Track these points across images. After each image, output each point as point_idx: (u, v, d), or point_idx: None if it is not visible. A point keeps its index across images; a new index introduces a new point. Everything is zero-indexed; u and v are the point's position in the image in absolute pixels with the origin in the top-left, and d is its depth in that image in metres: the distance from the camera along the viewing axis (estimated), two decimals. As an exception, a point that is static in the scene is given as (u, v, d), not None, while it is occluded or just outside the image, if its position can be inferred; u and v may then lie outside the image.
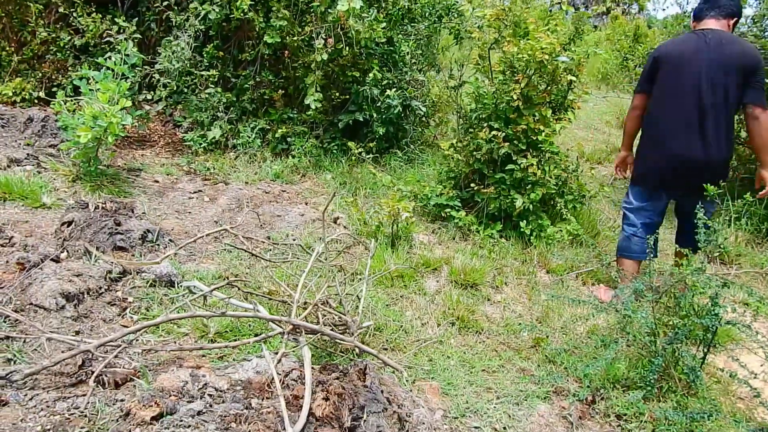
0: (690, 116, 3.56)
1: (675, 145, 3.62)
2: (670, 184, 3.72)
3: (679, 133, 3.61)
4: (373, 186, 5.25)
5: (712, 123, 3.53)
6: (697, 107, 3.54)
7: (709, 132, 3.53)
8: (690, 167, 3.59)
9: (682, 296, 3.00)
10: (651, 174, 3.79)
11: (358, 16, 5.23)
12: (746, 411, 2.98)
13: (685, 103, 3.57)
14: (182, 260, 3.62)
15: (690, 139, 3.58)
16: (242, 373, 2.44)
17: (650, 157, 3.78)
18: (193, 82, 5.58)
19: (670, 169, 3.66)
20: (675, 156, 3.62)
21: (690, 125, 3.57)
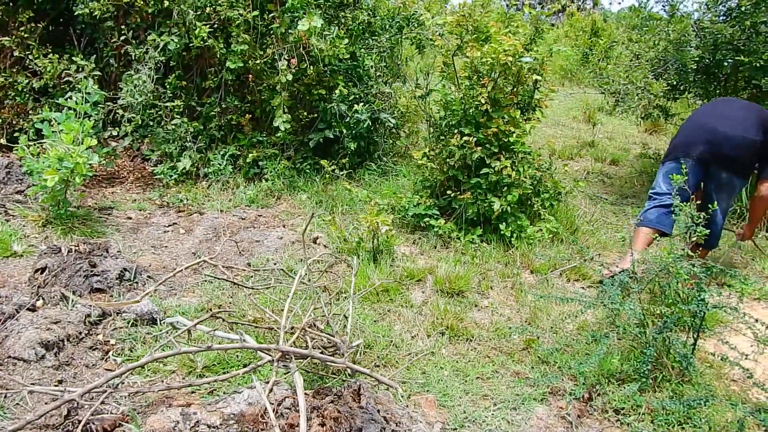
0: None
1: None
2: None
3: None
4: (349, 202, 5.22)
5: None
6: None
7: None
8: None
9: (667, 284, 3.02)
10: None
11: (320, 34, 5.22)
12: (740, 393, 2.99)
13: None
14: (163, 296, 3.54)
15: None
16: (234, 406, 2.38)
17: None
18: (158, 114, 5.51)
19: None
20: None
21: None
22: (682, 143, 4.02)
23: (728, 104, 4.24)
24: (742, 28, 5.47)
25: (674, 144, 4.11)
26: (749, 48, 5.38)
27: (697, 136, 3.93)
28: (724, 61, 5.70)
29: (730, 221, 5.29)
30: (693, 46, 5.85)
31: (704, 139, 3.88)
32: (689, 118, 4.20)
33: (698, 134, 3.94)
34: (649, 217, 4.02)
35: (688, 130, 4.06)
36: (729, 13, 5.78)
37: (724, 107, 4.15)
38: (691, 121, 4.15)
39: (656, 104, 6.56)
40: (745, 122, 3.91)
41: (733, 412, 2.72)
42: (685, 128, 4.13)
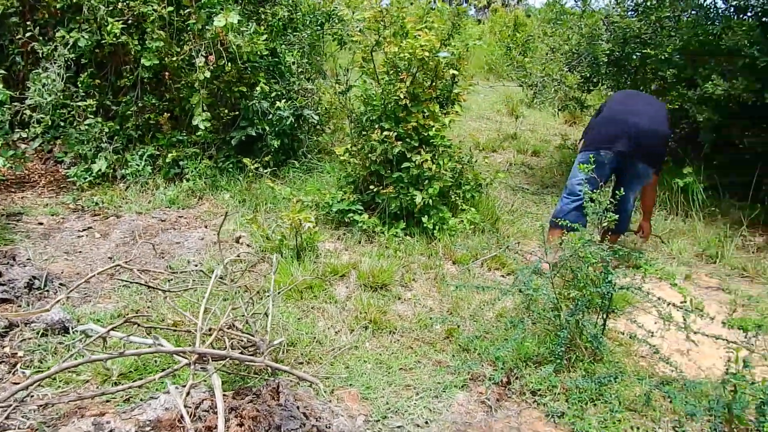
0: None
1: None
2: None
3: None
4: (273, 200, 5.17)
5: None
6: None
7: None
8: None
9: (578, 269, 3.14)
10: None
11: (237, 30, 5.14)
12: (648, 368, 3.16)
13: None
14: (76, 303, 3.42)
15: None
16: (150, 412, 2.33)
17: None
18: (70, 114, 5.30)
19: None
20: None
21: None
22: (604, 136, 4.14)
23: (639, 98, 4.43)
24: (648, 22, 5.73)
25: (593, 136, 4.23)
26: (655, 41, 5.64)
27: (619, 130, 4.07)
28: (633, 54, 5.95)
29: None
30: (604, 40, 6.08)
31: (626, 133, 4.04)
32: (605, 112, 4.33)
33: (619, 128, 4.08)
34: (570, 219, 4.08)
35: (609, 124, 4.18)
36: (636, 8, 6.05)
37: (637, 101, 4.33)
38: (609, 115, 4.27)
39: (572, 96, 6.79)
40: (659, 116, 4.15)
41: (641, 387, 2.88)
42: (604, 122, 4.24)
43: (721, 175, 5.72)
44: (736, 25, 4.98)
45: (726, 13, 5.61)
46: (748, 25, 4.96)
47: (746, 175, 5.44)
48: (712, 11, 5.71)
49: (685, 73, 5.49)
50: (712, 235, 4.99)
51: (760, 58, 4.79)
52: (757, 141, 5.28)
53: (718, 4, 5.75)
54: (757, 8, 5.35)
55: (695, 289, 4.18)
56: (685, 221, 5.33)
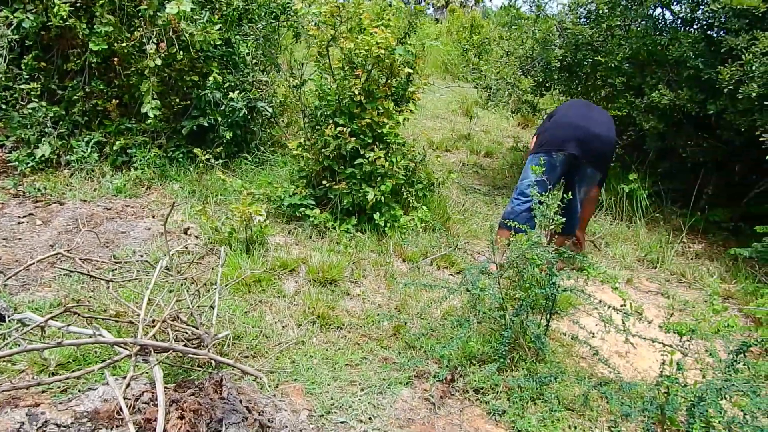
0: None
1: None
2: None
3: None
4: (224, 192, 5.10)
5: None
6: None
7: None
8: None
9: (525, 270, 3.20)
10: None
11: (190, 18, 5.05)
12: (588, 368, 3.24)
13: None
14: (14, 291, 3.31)
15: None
16: (88, 403, 2.27)
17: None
18: (13, 97, 5.10)
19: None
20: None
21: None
22: (556, 138, 4.21)
23: (589, 108, 4.53)
24: (599, 30, 5.87)
25: (545, 139, 4.29)
26: (606, 49, 5.79)
27: (571, 134, 4.16)
28: (584, 61, 6.08)
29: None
30: (557, 46, 6.21)
31: (577, 137, 4.13)
32: (557, 116, 4.42)
33: (571, 132, 4.18)
34: (520, 221, 4.09)
35: (561, 128, 4.27)
36: (589, 15, 6.18)
37: (588, 110, 4.43)
38: (561, 119, 4.36)
39: (525, 99, 6.91)
40: (607, 123, 4.28)
41: (580, 387, 2.96)
42: (556, 126, 4.32)
43: (665, 182, 5.92)
44: (683, 37, 5.16)
45: (673, 25, 5.80)
46: (693, 38, 5.14)
47: (688, 183, 5.65)
48: (661, 22, 5.90)
49: (633, 81, 5.65)
50: (654, 240, 5.16)
51: (704, 70, 4.97)
52: (699, 150, 5.48)
53: (666, 16, 5.93)
54: (702, 21, 5.55)
55: (635, 293, 4.32)
56: (629, 226, 5.49)
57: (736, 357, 2.55)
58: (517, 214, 4.12)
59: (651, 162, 5.95)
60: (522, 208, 4.17)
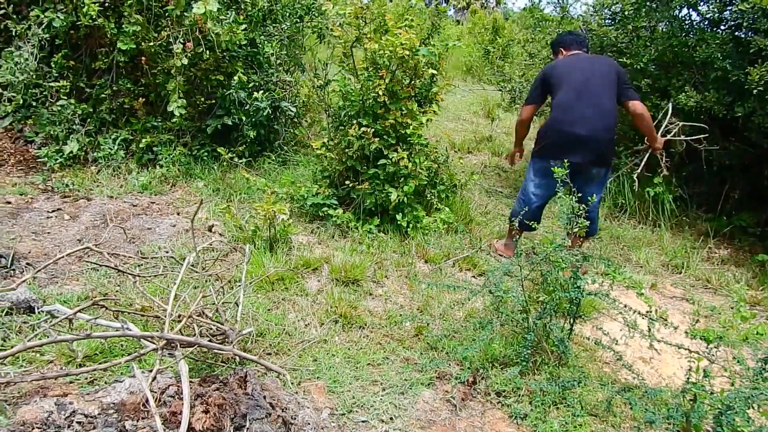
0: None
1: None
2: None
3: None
4: (247, 191, 5.15)
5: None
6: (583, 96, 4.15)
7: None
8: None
9: (548, 273, 3.18)
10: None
11: (216, 18, 5.10)
12: (611, 374, 3.22)
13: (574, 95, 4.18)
14: (43, 284, 3.37)
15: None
16: (114, 395, 2.30)
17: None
18: (43, 95, 5.20)
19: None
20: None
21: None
22: (556, 149, 4.12)
23: (589, 91, 4.20)
24: (625, 31, 5.82)
25: (546, 146, 4.22)
26: (631, 51, 5.73)
27: (570, 144, 4.06)
28: (609, 63, 6.02)
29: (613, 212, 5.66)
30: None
31: (576, 147, 4.04)
32: (556, 115, 4.21)
33: (570, 142, 4.07)
34: (535, 219, 4.23)
35: (559, 136, 4.14)
36: (614, 17, 6.14)
37: (587, 99, 4.16)
38: (558, 125, 4.18)
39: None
40: (606, 112, 4.12)
41: (603, 392, 2.93)
42: (555, 133, 4.18)
43: (691, 186, 5.84)
44: (710, 38, 5.09)
45: (700, 26, 5.72)
46: (721, 39, 5.07)
47: (714, 187, 5.57)
48: (687, 23, 5.82)
49: (659, 83, 5.60)
50: (679, 245, 5.10)
51: (732, 72, 4.90)
52: (726, 154, 5.40)
53: (692, 17, 5.85)
54: (730, 22, 5.47)
55: (660, 299, 4.27)
56: (654, 231, 5.44)
57: (764, 365, 2.51)
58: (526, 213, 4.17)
59: (676, 165, 5.88)
60: (531, 207, 4.25)
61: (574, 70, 4.28)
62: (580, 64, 4.33)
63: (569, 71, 4.29)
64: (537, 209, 4.34)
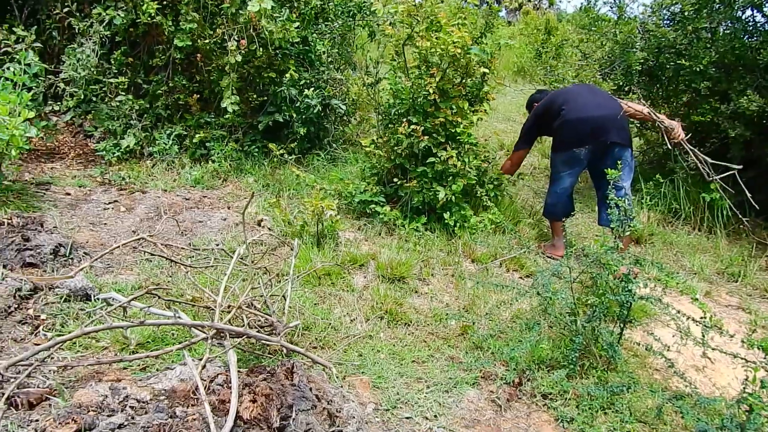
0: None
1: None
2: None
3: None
4: (296, 187, 5.21)
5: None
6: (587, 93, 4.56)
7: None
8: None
9: (598, 275, 3.12)
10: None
11: (270, 16, 5.17)
12: (662, 381, 3.13)
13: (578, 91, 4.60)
14: (99, 273, 3.48)
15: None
16: (166, 382, 2.37)
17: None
18: (102, 91, 5.38)
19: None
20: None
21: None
22: (575, 137, 4.34)
23: (586, 90, 4.67)
24: (684, 32, 5.65)
25: (565, 140, 4.42)
26: (690, 52, 5.57)
27: (588, 129, 4.28)
28: (667, 65, 5.86)
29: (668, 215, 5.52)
30: (638, 48, 6.01)
31: (594, 129, 4.26)
32: (567, 115, 4.40)
33: (587, 127, 4.28)
34: (567, 211, 4.53)
35: (576, 126, 4.33)
36: (673, 17, 5.97)
37: (589, 95, 4.54)
38: (573, 116, 4.36)
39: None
40: (608, 99, 4.49)
41: (653, 399, 2.86)
42: (571, 126, 4.36)
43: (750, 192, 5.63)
44: (775, 41, 4.92)
45: (765, 28, 5.52)
46: (787, 41, 4.89)
47: (775, 195, 5.36)
48: (750, 24, 5.62)
49: (719, 86, 5.42)
50: (736, 253, 4.93)
51: (797, 76, 4.72)
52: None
53: (757, 18, 5.65)
54: (797, 24, 5.28)
55: (714, 307, 4.14)
56: (709, 238, 5.27)
57: (825, 376, 2.40)
58: (561, 202, 4.53)
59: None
60: (563, 197, 4.56)
61: (571, 90, 4.69)
62: (574, 88, 4.74)
63: (569, 92, 4.64)
64: (569, 197, 4.60)
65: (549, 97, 4.71)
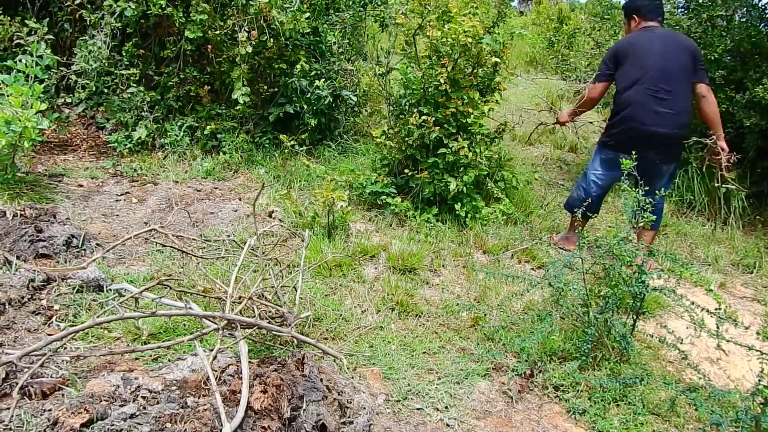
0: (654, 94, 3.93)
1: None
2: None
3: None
4: (307, 178, 5.21)
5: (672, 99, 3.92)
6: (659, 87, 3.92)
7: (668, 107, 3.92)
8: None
9: (611, 266, 3.09)
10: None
11: (281, 7, 5.16)
12: (675, 373, 3.11)
13: (649, 85, 3.93)
14: (111, 264, 3.50)
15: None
16: (177, 372, 2.37)
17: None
18: (114, 82, 5.39)
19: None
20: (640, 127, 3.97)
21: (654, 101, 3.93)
22: (626, 142, 3.96)
23: (668, 76, 3.95)
24: (699, 20, 5.58)
25: (616, 138, 4.09)
26: (705, 41, 5.49)
27: (642, 140, 3.91)
28: (681, 53, 5.79)
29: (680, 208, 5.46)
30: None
31: (648, 143, 3.91)
32: (627, 112, 4.01)
33: (643, 137, 3.92)
34: (593, 209, 4.22)
35: (631, 130, 3.98)
36: (687, 5, 5.89)
37: (666, 90, 3.92)
38: (632, 114, 3.99)
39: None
40: (684, 108, 3.94)
41: (666, 391, 2.83)
42: (627, 126, 4.02)
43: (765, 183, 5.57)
44: (792, 29, 4.84)
45: (782, 16, 5.44)
46: (804, 29, 4.81)
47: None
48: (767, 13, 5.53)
49: (734, 75, 5.35)
50: (751, 244, 4.88)
51: (814, 64, 4.64)
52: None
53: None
54: (814, 12, 5.19)
55: (729, 298, 4.10)
56: (724, 229, 5.22)
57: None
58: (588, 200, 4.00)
59: (751, 161, 5.61)
60: (593, 195, 4.23)
61: (650, 53, 3.97)
62: (657, 47, 3.98)
63: (645, 53, 3.99)
64: (597, 198, 4.29)
65: (625, 46, 4.13)
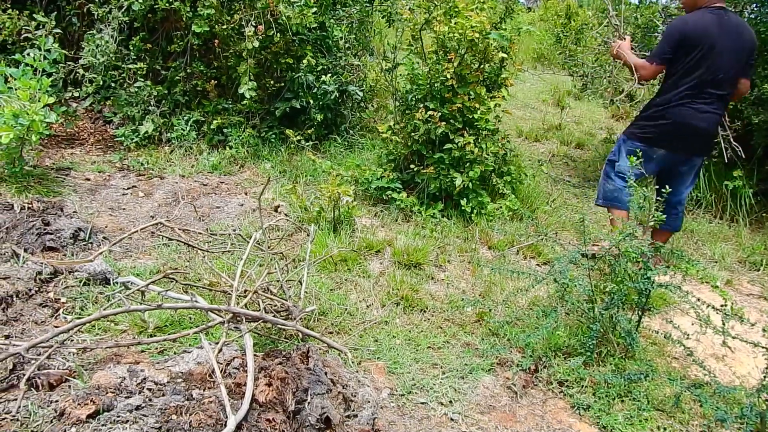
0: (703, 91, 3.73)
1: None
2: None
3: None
4: (313, 173, 5.21)
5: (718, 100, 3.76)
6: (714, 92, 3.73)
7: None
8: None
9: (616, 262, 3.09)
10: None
11: (288, 2, 5.16)
12: (681, 369, 3.10)
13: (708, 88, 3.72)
14: (117, 257, 3.51)
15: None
16: (183, 365, 2.39)
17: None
18: (121, 77, 5.41)
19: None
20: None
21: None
22: (663, 137, 3.85)
23: (723, 68, 3.70)
24: (707, 16, 5.53)
25: (650, 130, 3.90)
26: (713, 37, 5.45)
27: (681, 138, 3.81)
28: (689, 49, 5.76)
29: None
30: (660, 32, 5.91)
31: (686, 141, 3.82)
32: (670, 113, 3.81)
33: (683, 135, 3.79)
34: (625, 200, 3.89)
35: (671, 128, 3.81)
36: (696, 1, 5.84)
37: (717, 84, 3.72)
38: (673, 115, 3.80)
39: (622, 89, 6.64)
40: (725, 104, 3.85)
41: (671, 387, 2.83)
42: (667, 124, 3.83)
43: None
44: (802, 25, 4.80)
45: (791, 12, 5.40)
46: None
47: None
48: (777, 9, 5.50)
49: (742, 72, 5.31)
50: (758, 242, 4.86)
51: (823, 61, 4.61)
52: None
53: (783, 2, 5.53)
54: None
55: (735, 295, 4.08)
56: (731, 226, 5.20)
57: None
58: (621, 191, 3.94)
59: (759, 158, 5.58)
60: (624, 185, 3.88)
61: (718, 56, 3.66)
62: (726, 45, 3.67)
63: (713, 53, 3.66)
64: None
65: (691, 28, 3.75)
